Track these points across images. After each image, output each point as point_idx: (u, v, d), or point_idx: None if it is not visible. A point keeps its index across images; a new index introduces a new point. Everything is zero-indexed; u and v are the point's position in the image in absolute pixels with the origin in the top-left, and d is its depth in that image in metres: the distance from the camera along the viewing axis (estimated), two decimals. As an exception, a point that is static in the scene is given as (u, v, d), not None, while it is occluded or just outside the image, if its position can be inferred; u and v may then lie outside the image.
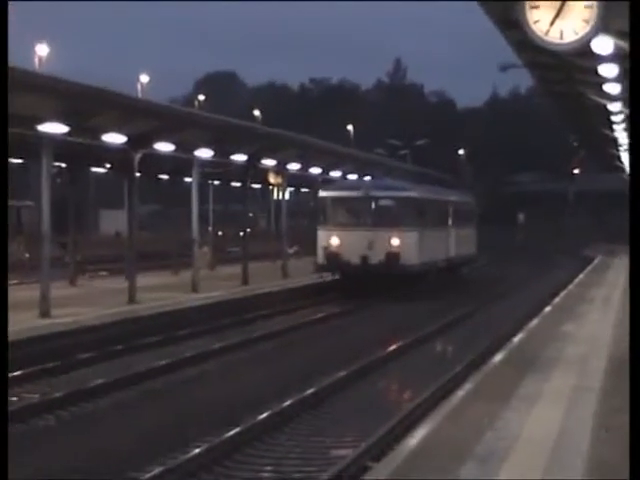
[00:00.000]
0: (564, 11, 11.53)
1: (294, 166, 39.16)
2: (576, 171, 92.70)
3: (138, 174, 28.73)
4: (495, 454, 9.63)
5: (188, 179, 35.94)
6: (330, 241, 35.38)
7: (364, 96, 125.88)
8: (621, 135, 31.59)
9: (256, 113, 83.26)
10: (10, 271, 18.82)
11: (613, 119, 26.75)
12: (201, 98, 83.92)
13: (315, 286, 35.52)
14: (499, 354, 17.21)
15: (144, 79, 63.45)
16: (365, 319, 29.45)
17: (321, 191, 37.43)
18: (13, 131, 14.83)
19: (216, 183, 47.81)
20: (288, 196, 43.50)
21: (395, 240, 34.89)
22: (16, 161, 35.98)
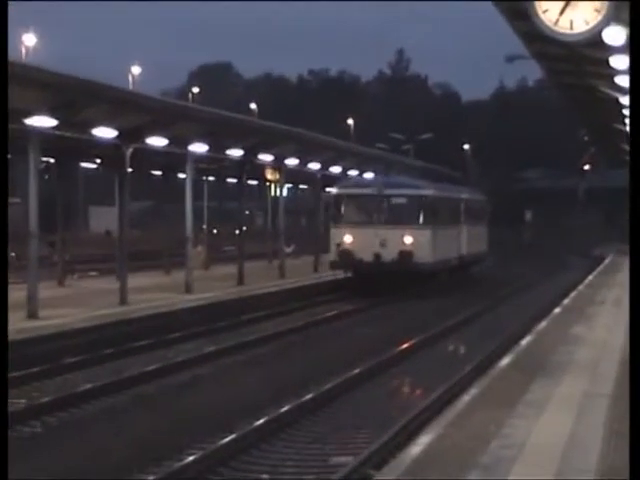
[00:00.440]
0: (574, 0, 11.16)
1: (292, 161, 38.59)
2: (586, 167, 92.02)
3: (129, 170, 28.35)
4: (501, 463, 9.39)
5: (181, 175, 35.43)
6: (343, 239, 35.76)
7: (365, 88, 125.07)
8: (633, 129, 30.98)
9: (252, 106, 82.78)
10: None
11: (625, 112, 26.19)
12: (195, 90, 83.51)
13: (314, 287, 35.36)
14: (507, 357, 16.94)
15: (135, 71, 62.88)
16: (368, 320, 29.06)
17: (334, 189, 37.85)
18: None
19: (211, 179, 47.18)
20: (286, 193, 43.01)
21: (408, 238, 35.22)
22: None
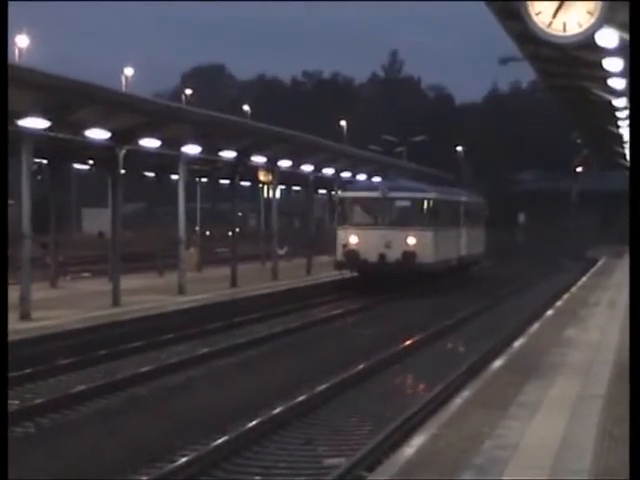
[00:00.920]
0: (567, 2, 11.48)
1: (285, 163, 38.50)
2: (579, 169, 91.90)
3: (122, 171, 28.21)
4: (494, 465, 9.40)
5: (174, 176, 35.33)
6: (349, 240, 37.08)
7: (358, 90, 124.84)
8: (626, 132, 31.15)
9: (245, 108, 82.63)
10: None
11: (618, 115, 26.27)
12: (188, 92, 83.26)
13: (307, 289, 35.26)
14: (500, 359, 16.94)
15: (129, 72, 62.65)
16: (365, 321, 29.04)
17: (341, 192, 39.38)
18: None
19: (204, 181, 47.06)
20: (279, 195, 42.98)
21: (412, 239, 36.52)
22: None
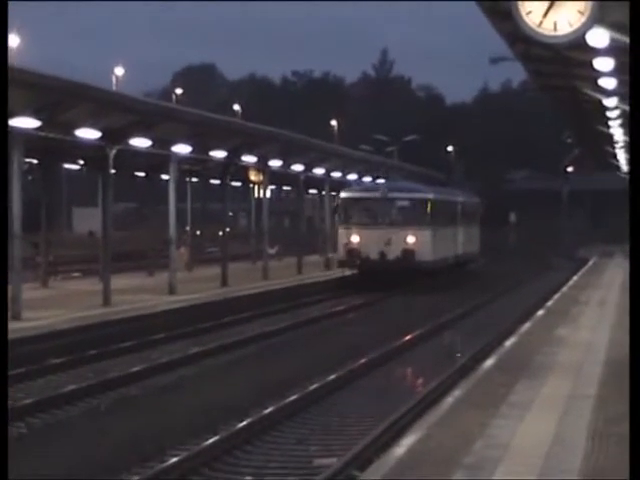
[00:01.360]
0: (558, 2, 11.44)
1: (275, 163, 38.46)
2: (570, 169, 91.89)
3: (113, 171, 28.14)
4: (485, 464, 9.38)
5: (165, 176, 35.26)
6: (350, 238, 38.37)
7: (349, 90, 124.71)
8: (617, 132, 31.21)
9: (236, 107, 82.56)
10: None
11: (609, 115, 26.26)
12: (179, 92, 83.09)
13: (297, 288, 35.21)
14: (490, 359, 16.89)
15: (119, 71, 62.49)
16: (358, 320, 29.03)
17: (342, 192, 40.65)
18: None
19: (194, 180, 46.94)
20: (269, 194, 42.97)
21: (411, 238, 37.86)
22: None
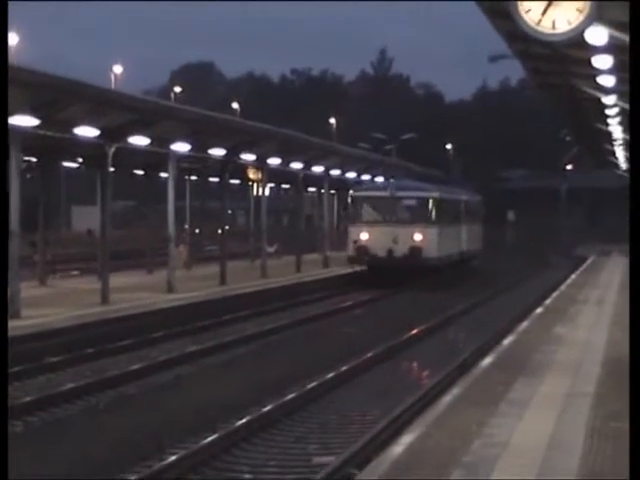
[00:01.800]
0: (557, 0, 11.38)
1: (274, 161, 38.43)
2: (569, 167, 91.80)
3: (112, 169, 28.10)
4: (483, 463, 9.40)
5: (164, 174, 35.23)
6: (360, 236, 39.56)
7: (347, 88, 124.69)
8: (616, 129, 31.16)
9: (235, 105, 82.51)
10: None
11: (607, 112, 26.23)
12: (177, 90, 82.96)
13: (295, 286, 35.16)
14: (489, 357, 16.87)
15: (117, 70, 62.40)
16: (351, 319, 28.96)
17: (351, 191, 42.24)
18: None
19: (193, 179, 46.93)
20: (268, 192, 42.95)
21: (418, 235, 39.09)
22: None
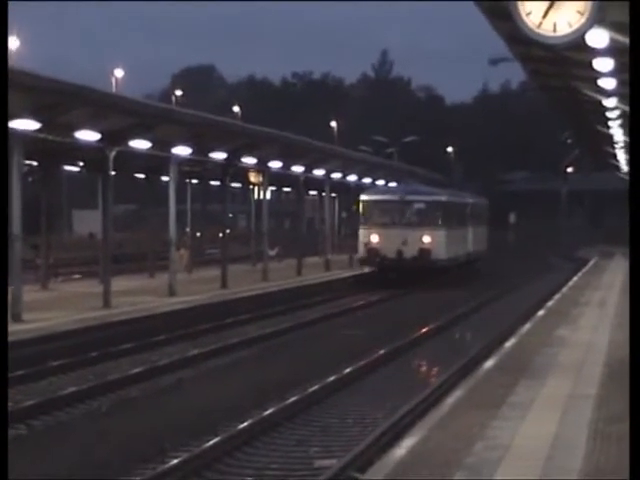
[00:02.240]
0: (558, 3, 11.25)
1: (275, 164, 38.41)
2: (570, 169, 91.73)
3: (113, 172, 28.06)
4: (486, 465, 9.41)
5: (165, 178, 35.24)
6: (370, 238, 40.73)
7: (348, 91, 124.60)
8: (617, 132, 31.13)
9: (236, 109, 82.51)
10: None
11: (608, 115, 26.21)
12: (178, 93, 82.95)
13: (297, 290, 35.12)
14: (491, 360, 16.93)
15: (119, 73, 62.36)
16: (355, 322, 28.90)
17: (362, 195, 43.29)
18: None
19: (194, 182, 46.97)
20: (269, 195, 43.04)
21: (427, 237, 40.34)
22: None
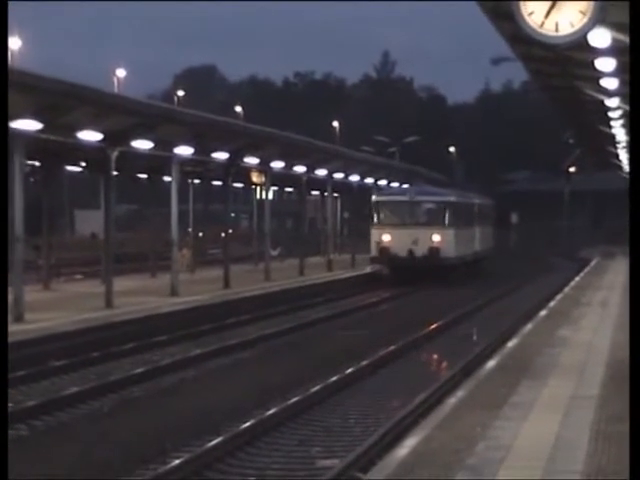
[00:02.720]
0: (560, 3, 11.32)
1: (277, 164, 38.41)
2: (572, 169, 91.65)
3: (115, 173, 28.07)
4: (488, 465, 9.40)
5: (167, 178, 35.24)
6: (382, 238, 41.95)
7: (350, 91, 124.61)
8: (619, 132, 31.13)
9: (238, 109, 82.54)
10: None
11: (610, 115, 26.21)
12: (180, 93, 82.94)
13: (299, 289, 35.11)
14: (493, 360, 16.84)
15: (121, 73, 62.34)
16: (356, 323, 28.83)
17: (374, 196, 44.86)
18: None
19: (196, 182, 46.95)
20: (272, 195, 43.08)
21: (436, 237, 41.66)
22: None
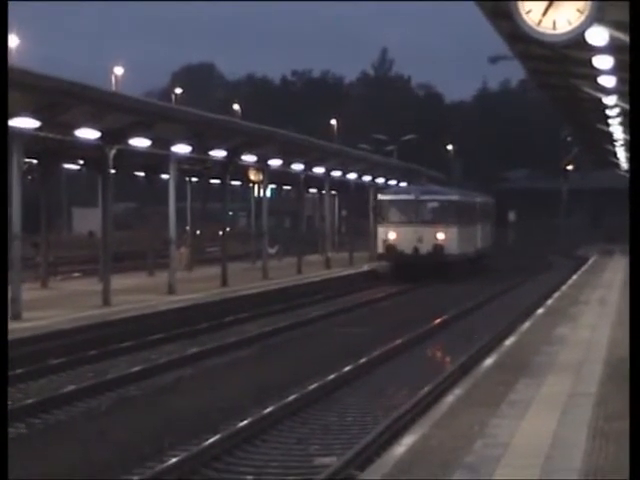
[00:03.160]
0: (557, 1, 11.26)
1: (275, 162, 38.39)
2: (569, 167, 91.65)
3: (113, 171, 28.07)
4: (485, 463, 9.42)
5: (165, 176, 35.24)
6: (388, 235, 43.43)
7: (348, 89, 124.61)
8: (616, 130, 31.15)
9: (235, 107, 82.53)
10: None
11: (608, 113, 26.24)
12: (178, 91, 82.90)
13: (296, 288, 35.14)
14: (490, 358, 16.89)
15: (118, 71, 62.29)
16: (353, 321, 28.76)
17: (379, 195, 46.76)
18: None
19: (194, 180, 46.92)
20: (270, 193, 43.10)
21: (440, 234, 43.07)
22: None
